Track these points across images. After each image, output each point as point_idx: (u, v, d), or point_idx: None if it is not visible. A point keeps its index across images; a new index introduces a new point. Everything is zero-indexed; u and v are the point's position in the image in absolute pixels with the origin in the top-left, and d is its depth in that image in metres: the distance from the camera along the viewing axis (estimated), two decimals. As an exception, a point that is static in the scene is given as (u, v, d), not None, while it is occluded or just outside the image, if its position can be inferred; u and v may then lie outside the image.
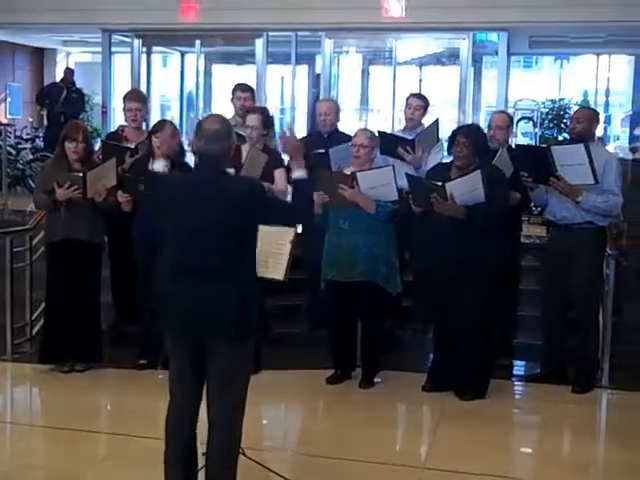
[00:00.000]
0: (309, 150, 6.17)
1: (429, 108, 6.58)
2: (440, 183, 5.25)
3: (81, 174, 5.59)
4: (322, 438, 5.02)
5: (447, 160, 5.78)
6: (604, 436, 5.40)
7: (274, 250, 4.30)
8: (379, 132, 6.01)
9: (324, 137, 6.46)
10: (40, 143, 12.24)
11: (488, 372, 5.57)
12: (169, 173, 5.57)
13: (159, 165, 4.25)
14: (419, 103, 6.50)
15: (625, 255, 6.22)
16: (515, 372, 6.32)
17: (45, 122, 12.76)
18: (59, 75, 13.32)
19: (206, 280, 3.47)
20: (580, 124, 5.66)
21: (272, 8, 10.90)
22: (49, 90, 12.60)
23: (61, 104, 11.95)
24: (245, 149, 5.72)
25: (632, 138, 12.62)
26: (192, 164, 5.48)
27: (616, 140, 14.87)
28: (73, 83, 12.44)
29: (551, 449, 4.91)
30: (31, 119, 13.36)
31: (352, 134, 5.83)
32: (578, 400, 5.61)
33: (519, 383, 6.13)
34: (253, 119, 5.87)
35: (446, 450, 4.72)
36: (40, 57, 15.46)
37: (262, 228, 3.74)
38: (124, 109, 6.52)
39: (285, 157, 6.05)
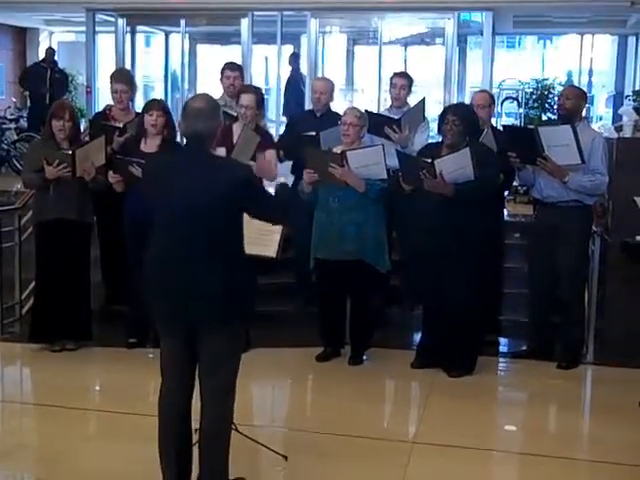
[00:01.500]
0: (300, 130, 6.17)
1: (413, 86, 6.61)
2: (429, 160, 5.29)
3: (70, 152, 5.59)
4: (312, 414, 5.10)
5: (434, 140, 5.82)
6: (589, 411, 5.49)
7: (266, 228, 4.33)
8: (366, 111, 6.03)
9: (316, 117, 6.46)
10: (24, 123, 12.14)
11: (475, 349, 5.64)
12: (159, 151, 5.59)
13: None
14: (403, 82, 6.50)
15: (609, 232, 6.29)
16: (501, 349, 6.40)
17: (28, 103, 12.67)
18: (42, 55, 13.20)
19: (192, 264, 3.46)
20: (569, 100, 5.70)
21: (257, -13, 10.88)
22: (31, 71, 12.50)
23: (45, 84, 11.87)
24: (236, 128, 5.71)
25: (615, 118, 12.69)
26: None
27: (599, 120, 14.94)
28: (55, 63, 12.36)
29: (538, 423, 5.00)
30: (14, 99, 13.24)
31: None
32: (564, 376, 5.70)
33: (505, 359, 6.20)
34: (247, 98, 5.82)
35: (435, 425, 4.78)
36: (22, 37, 15.32)
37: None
38: (111, 90, 6.50)
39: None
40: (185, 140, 3.64)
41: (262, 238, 4.32)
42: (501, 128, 6.48)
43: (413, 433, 4.75)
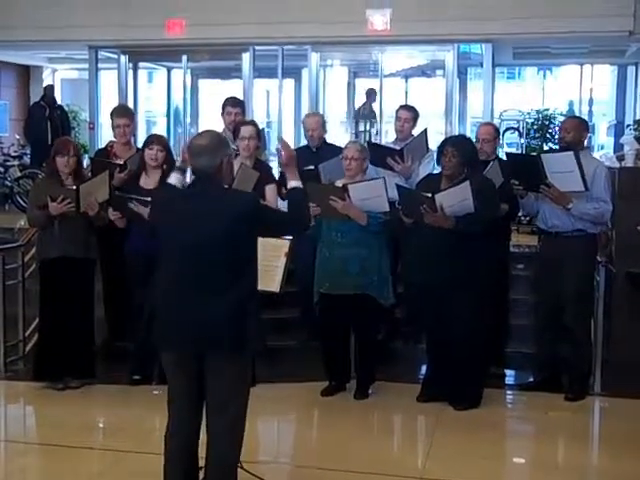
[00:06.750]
0: (298, 166, 6.18)
1: (418, 119, 6.62)
2: (430, 194, 5.28)
3: (74, 187, 5.60)
4: (318, 450, 5.04)
5: (438, 171, 5.82)
6: (597, 443, 5.43)
7: (269, 262, 4.33)
8: (368, 143, 6.04)
9: (313, 151, 6.47)
10: (27, 160, 12.20)
11: (481, 381, 5.60)
12: (159, 187, 5.60)
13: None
14: (408, 115, 6.53)
15: (613, 262, 6.27)
16: (508, 381, 6.36)
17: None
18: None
19: (204, 294, 3.47)
20: (569, 134, 5.71)
21: (258, 23, 10.92)
22: (33, 112, 12.56)
23: (45, 122, 11.94)
24: (236, 164, 5.72)
25: (617, 146, 12.71)
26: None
27: (600, 149, 14.98)
28: (54, 100, 12.43)
29: (546, 457, 4.93)
30: (18, 136, 13.30)
31: (341, 146, 5.84)
32: (571, 408, 5.64)
33: (512, 392, 6.16)
34: (248, 130, 5.89)
35: (443, 459, 4.73)
36: (26, 74, 15.40)
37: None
38: (112, 125, 6.54)
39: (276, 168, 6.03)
40: (193, 175, 3.70)
41: (265, 273, 4.30)
42: (504, 156, 6.48)
43: (421, 468, 4.68)
